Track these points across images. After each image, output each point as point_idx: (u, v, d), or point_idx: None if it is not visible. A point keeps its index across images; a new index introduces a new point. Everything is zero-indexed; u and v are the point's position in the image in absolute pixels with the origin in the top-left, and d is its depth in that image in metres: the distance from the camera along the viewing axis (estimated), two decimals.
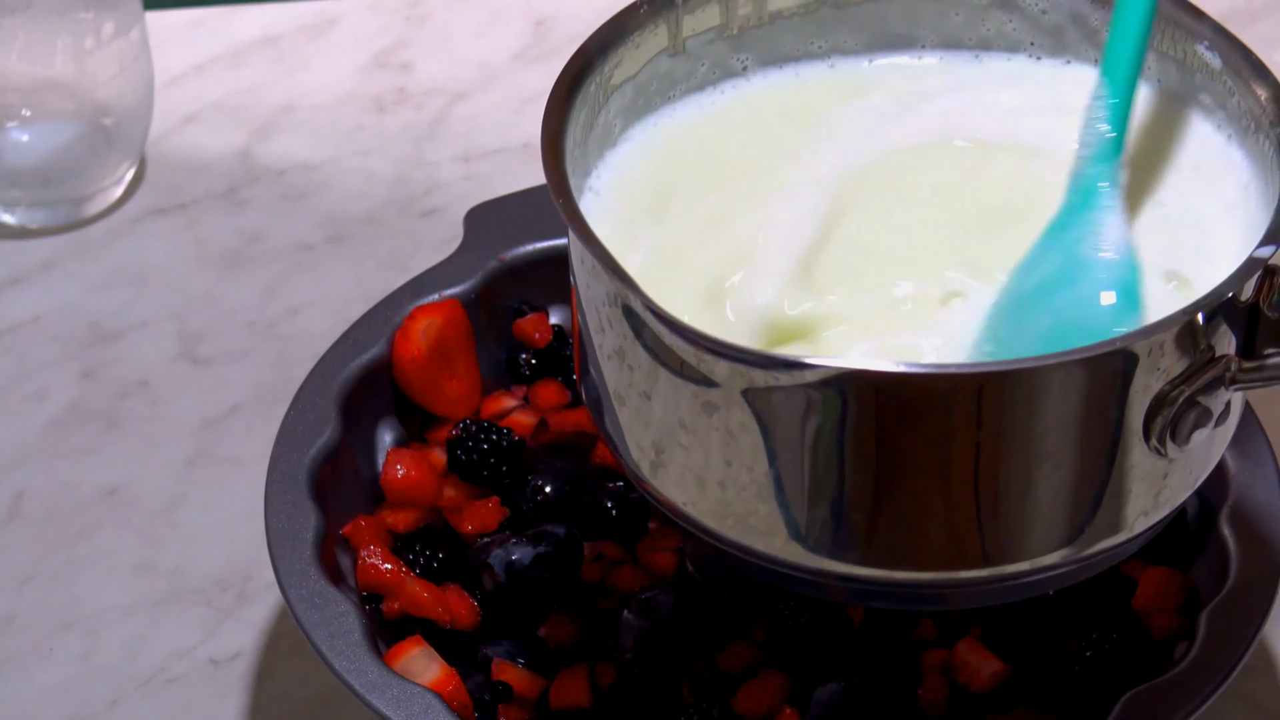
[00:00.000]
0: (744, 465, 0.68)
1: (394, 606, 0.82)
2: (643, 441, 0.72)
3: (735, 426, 0.67)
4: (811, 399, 0.66)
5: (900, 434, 0.67)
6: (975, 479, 0.67)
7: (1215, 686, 0.75)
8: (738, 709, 0.78)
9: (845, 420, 0.66)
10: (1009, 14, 0.79)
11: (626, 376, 0.71)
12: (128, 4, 1.06)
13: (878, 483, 0.68)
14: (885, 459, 0.67)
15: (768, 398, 0.66)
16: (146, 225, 1.10)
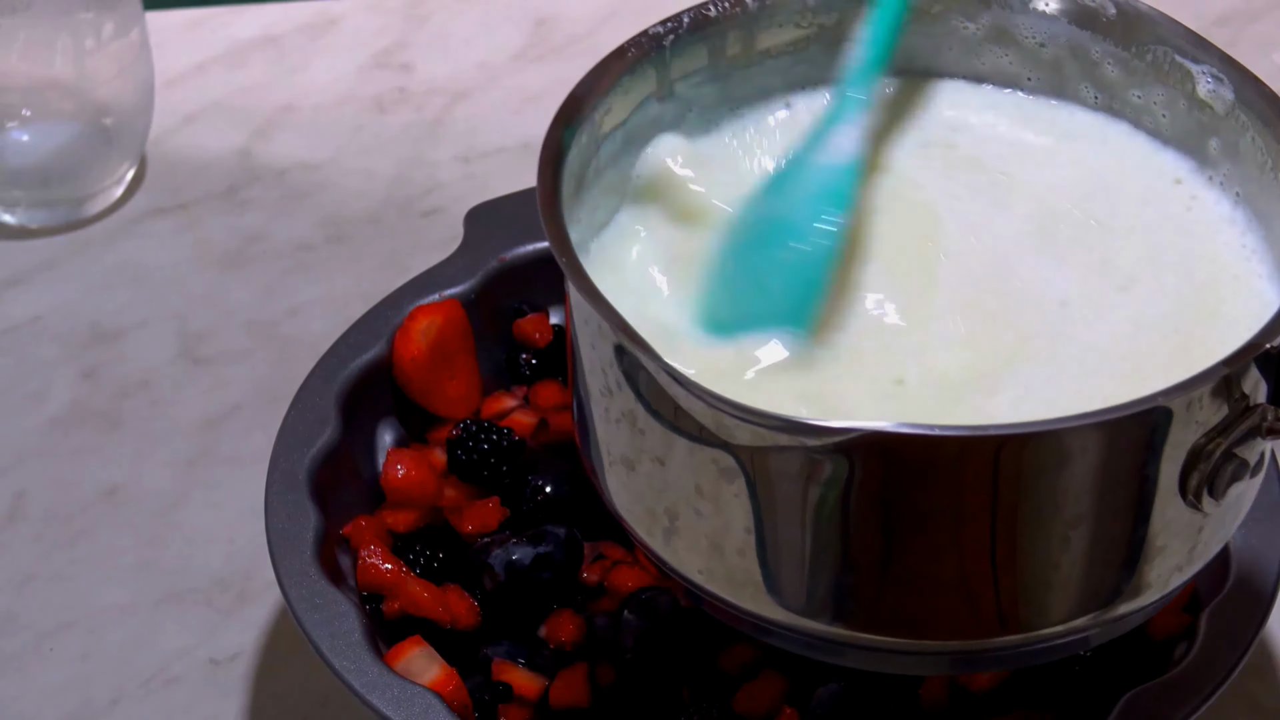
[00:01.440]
0: (767, 532, 0.66)
1: (394, 606, 0.82)
2: (655, 508, 0.69)
3: (760, 493, 0.65)
4: (841, 462, 0.63)
5: (946, 495, 0.64)
6: (1014, 544, 0.65)
7: (1215, 686, 0.75)
8: (738, 709, 0.78)
9: (883, 482, 0.64)
10: (1005, 47, 0.77)
11: (637, 441, 0.68)
12: (128, 4, 1.06)
13: (914, 549, 0.65)
14: (924, 522, 0.65)
15: (795, 462, 0.64)
16: (147, 225, 1.10)
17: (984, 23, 0.77)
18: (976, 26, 0.77)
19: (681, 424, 0.65)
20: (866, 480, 0.64)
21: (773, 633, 0.70)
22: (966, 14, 0.77)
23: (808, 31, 0.76)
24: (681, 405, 0.65)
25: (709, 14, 0.75)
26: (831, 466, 0.63)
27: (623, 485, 0.70)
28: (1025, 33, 0.77)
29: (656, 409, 0.66)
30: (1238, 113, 0.72)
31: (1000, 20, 0.77)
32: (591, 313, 0.66)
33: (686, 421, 0.65)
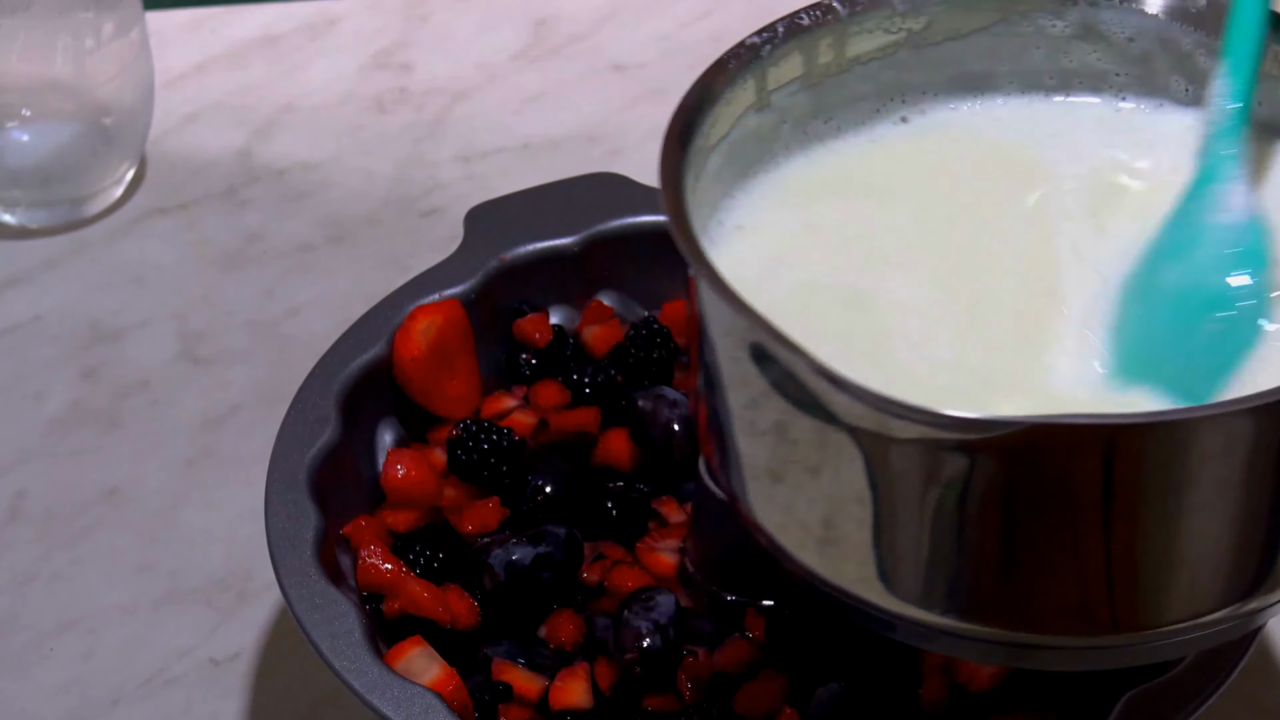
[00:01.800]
0: (935, 534, 0.65)
1: (394, 606, 0.82)
2: (808, 519, 0.67)
3: (927, 494, 0.64)
4: (1021, 457, 0.62)
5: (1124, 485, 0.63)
6: (1173, 532, 0.64)
7: (1215, 686, 0.75)
8: (738, 709, 0.78)
9: (1069, 475, 0.63)
10: (1093, 44, 0.76)
11: (785, 451, 0.66)
12: (128, 4, 1.06)
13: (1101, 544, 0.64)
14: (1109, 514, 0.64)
15: (969, 462, 0.62)
16: (146, 225, 1.10)
17: (1073, 19, 0.76)
18: (1065, 24, 0.77)
19: (840, 428, 0.64)
20: (1044, 474, 0.63)
21: (936, 638, 0.68)
22: (1055, 12, 0.76)
23: (896, 37, 0.76)
24: (841, 410, 0.63)
25: (802, 22, 0.74)
26: (999, 462, 0.62)
27: (768, 499, 0.69)
28: (1113, 29, 0.76)
29: (811, 415, 0.64)
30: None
31: (1088, 16, 0.76)
32: (736, 321, 0.65)
33: (847, 428, 0.63)
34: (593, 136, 1.16)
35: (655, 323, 0.91)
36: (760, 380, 0.66)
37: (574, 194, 0.95)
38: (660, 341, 0.91)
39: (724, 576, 0.83)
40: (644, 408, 0.87)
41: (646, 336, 0.91)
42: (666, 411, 0.87)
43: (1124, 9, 0.76)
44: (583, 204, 0.95)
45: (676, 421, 0.86)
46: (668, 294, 0.94)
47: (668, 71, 1.21)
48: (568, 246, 0.93)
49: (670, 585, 0.83)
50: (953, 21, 0.75)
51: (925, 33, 0.75)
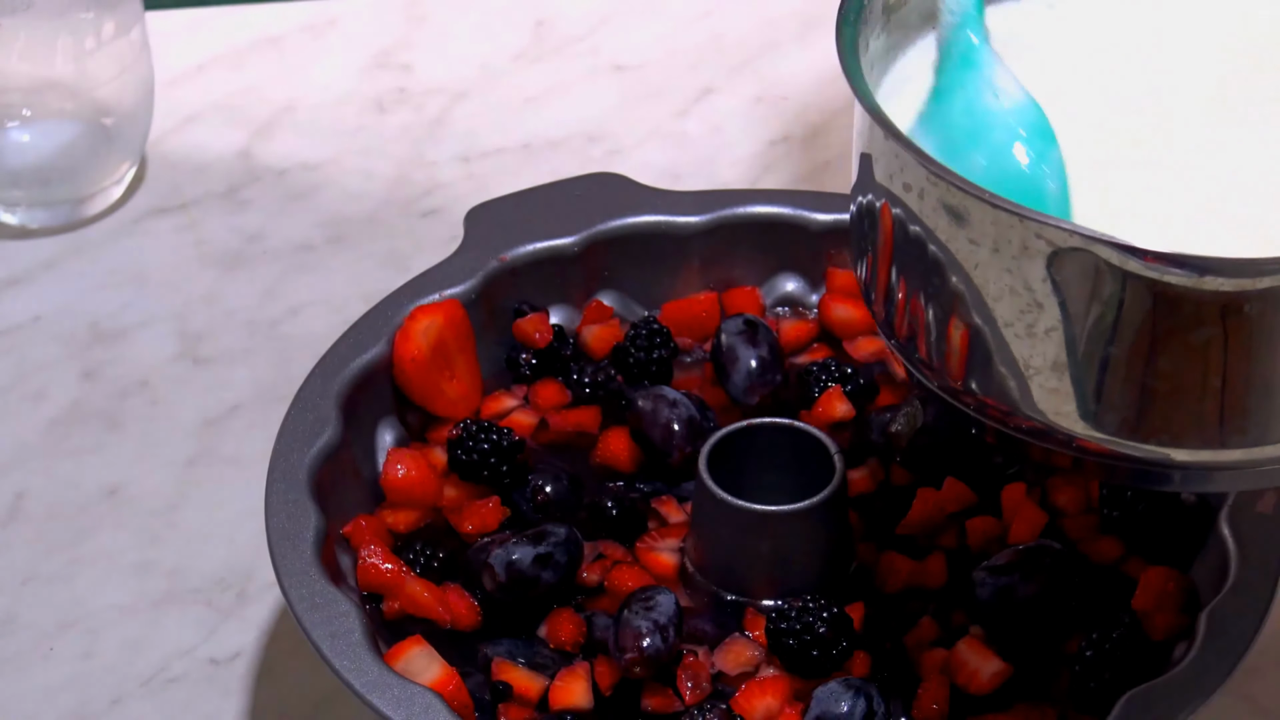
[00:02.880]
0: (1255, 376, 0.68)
1: (394, 606, 0.82)
2: (1120, 396, 0.70)
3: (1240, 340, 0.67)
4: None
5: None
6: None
7: (1215, 686, 0.75)
8: (738, 709, 0.78)
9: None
10: None
11: (1074, 342, 0.69)
12: (128, 4, 1.06)
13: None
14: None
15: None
16: (147, 225, 1.10)
17: None
18: None
19: (1141, 300, 0.67)
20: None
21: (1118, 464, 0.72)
22: None
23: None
24: (1142, 277, 0.66)
25: None
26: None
27: (1051, 392, 0.71)
28: None
29: (1109, 299, 0.67)
30: None
31: None
32: (1016, 226, 0.67)
33: (1146, 295, 0.67)
34: (593, 136, 1.16)
35: (655, 323, 0.91)
36: (1045, 283, 0.68)
37: (574, 194, 0.95)
38: (660, 341, 0.91)
39: (724, 576, 0.83)
40: (644, 408, 0.87)
41: (646, 336, 0.91)
42: (666, 411, 0.87)
43: None
44: (583, 204, 0.95)
45: (676, 421, 0.86)
46: (668, 294, 0.94)
47: (668, 71, 1.21)
48: (568, 246, 0.93)
49: (670, 585, 0.83)
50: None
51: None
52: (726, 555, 0.83)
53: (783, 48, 1.23)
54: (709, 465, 0.83)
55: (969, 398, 0.73)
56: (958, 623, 0.81)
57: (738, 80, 1.21)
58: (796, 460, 0.84)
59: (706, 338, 0.93)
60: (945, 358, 0.72)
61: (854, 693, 0.77)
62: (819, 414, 0.89)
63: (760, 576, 0.82)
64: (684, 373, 0.92)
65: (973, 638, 0.80)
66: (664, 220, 0.94)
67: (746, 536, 0.81)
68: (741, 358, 0.89)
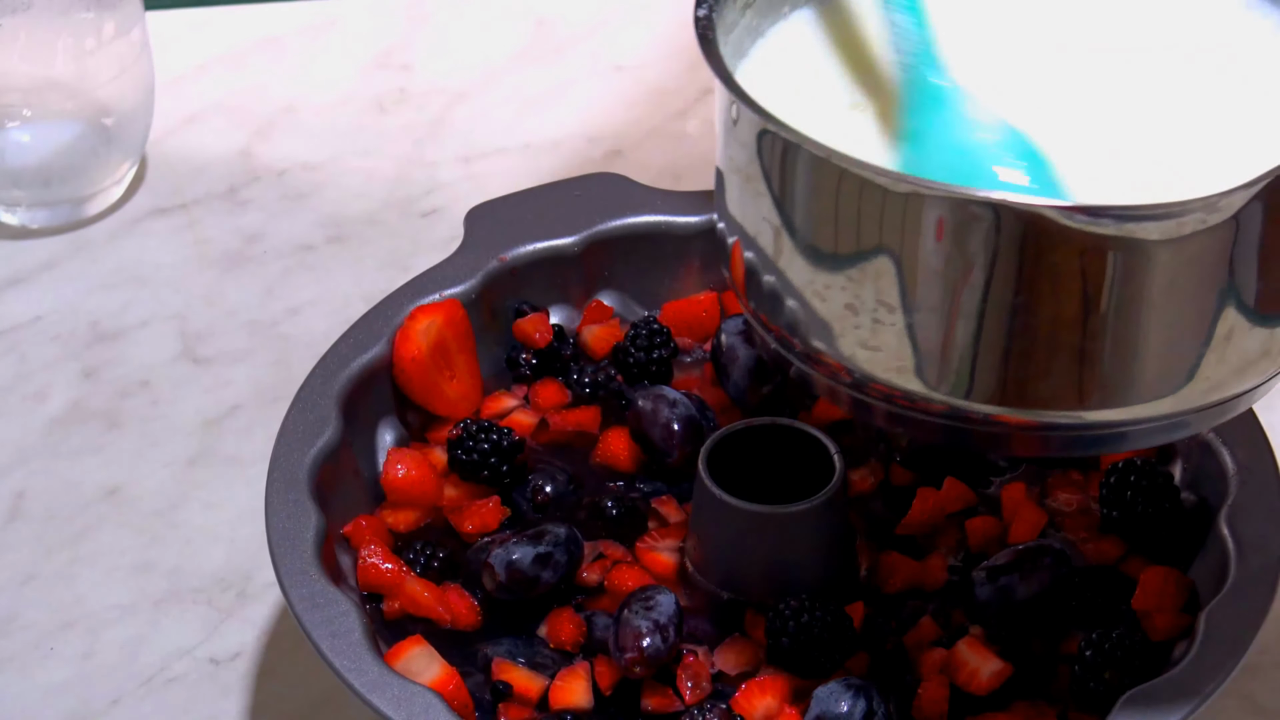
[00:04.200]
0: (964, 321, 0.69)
1: (394, 606, 0.82)
2: (857, 317, 0.71)
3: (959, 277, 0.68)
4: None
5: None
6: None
7: (1215, 686, 0.75)
8: (738, 709, 0.78)
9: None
10: None
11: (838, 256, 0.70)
12: (128, 4, 1.06)
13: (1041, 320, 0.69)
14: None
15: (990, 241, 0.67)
16: (147, 225, 1.10)
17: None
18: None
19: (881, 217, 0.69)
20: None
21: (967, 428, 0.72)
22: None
23: None
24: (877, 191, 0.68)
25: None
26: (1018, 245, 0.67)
27: (819, 301, 0.72)
28: None
29: (854, 204, 0.69)
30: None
31: None
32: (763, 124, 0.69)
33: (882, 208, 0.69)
34: (593, 136, 1.16)
35: (655, 323, 0.92)
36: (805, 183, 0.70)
37: (574, 194, 0.95)
38: (660, 341, 0.91)
39: (724, 576, 0.83)
40: (644, 408, 0.87)
41: (646, 336, 0.91)
42: (666, 411, 0.87)
43: None
44: (583, 204, 0.95)
45: (676, 421, 0.86)
46: (668, 294, 0.94)
47: (668, 71, 1.21)
48: (568, 246, 0.93)
49: (670, 585, 0.83)
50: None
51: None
52: (726, 555, 0.83)
53: None
54: (709, 465, 0.83)
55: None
56: (958, 623, 0.81)
57: None
58: (796, 460, 0.84)
59: (706, 338, 0.93)
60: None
61: (854, 693, 0.77)
62: (819, 414, 0.89)
63: (760, 576, 0.82)
64: (684, 373, 0.92)
65: (973, 638, 0.80)
66: (664, 220, 0.94)
67: (746, 536, 0.81)
68: (741, 358, 0.89)
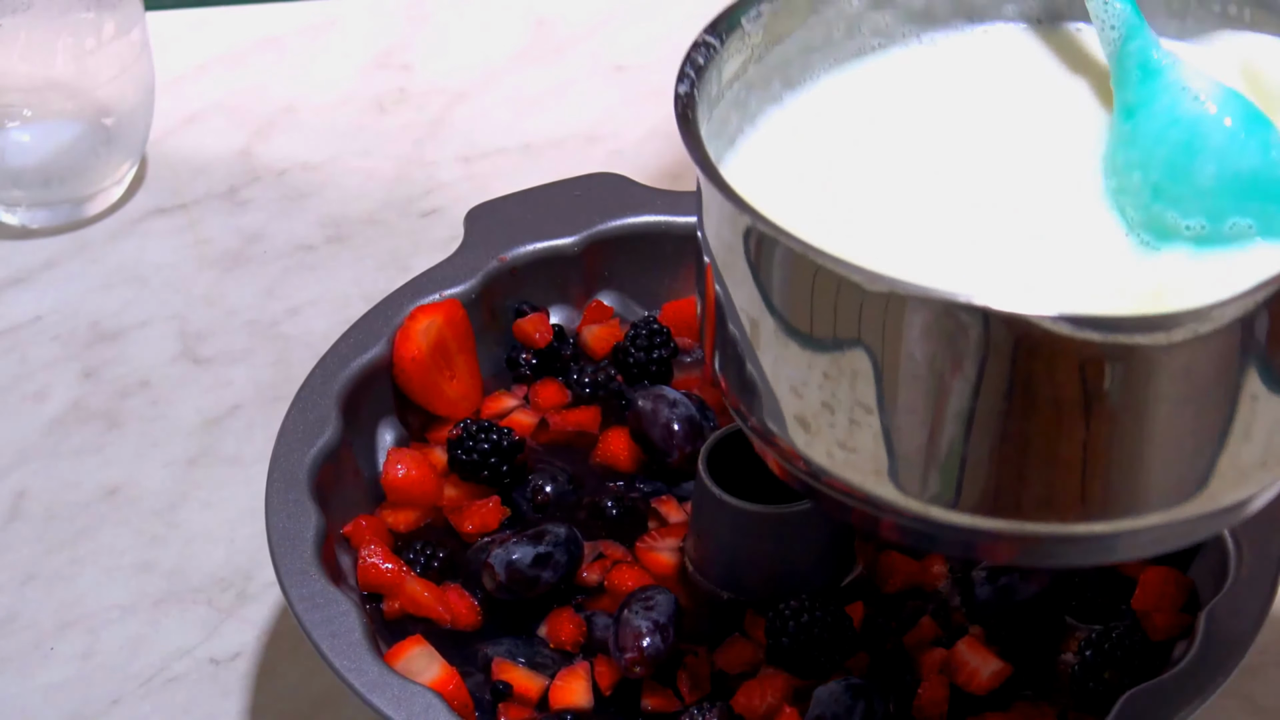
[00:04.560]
0: (946, 428, 0.67)
1: (394, 606, 0.82)
2: (822, 419, 0.69)
3: (937, 384, 0.66)
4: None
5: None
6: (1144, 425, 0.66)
7: (1215, 686, 0.75)
8: (738, 709, 0.78)
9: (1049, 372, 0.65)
10: (882, 10, 0.78)
11: (806, 355, 0.68)
12: (128, 4, 1.06)
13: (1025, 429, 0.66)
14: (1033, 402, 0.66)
15: (978, 351, 0.65)
16: (147, 225, 1.10)
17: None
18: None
19: (853, 318, 0.66)
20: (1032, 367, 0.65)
21: (940, 534, 0.70)
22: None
23: (745, 55, 0.77)
24: (854, 292, 0.66)
25: (698, 61, 0.77)
26: (1004, 353, 0.65)
27: (786, 401, 0.70)
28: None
29: (827, 307, 0.67)
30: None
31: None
32: (740, 218, 0.67)
33: (859, 314, 0.66)
34: (593, 136, 1.16)
35: (655, 323, 0.92)
36: (774, 276, 0.68)
37: (574, 194, 0.95)
38: (660, 341, 0.91)
39: (724, 576, 0.83)
40: (644, 408, 0.87)
41: (646, 336, 0.91)
42: (666, 411, 0.87)
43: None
44: (583, 204, 0.95)
45: (676, 421, 0.86)
46: (668, 294, 0.94)
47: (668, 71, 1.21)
48: (568, 246, 0.93)
49: (670, 585, 0.83)
50: (778, 26, 0.77)
51: (762, 44, 0.77)
52: (726, 555, 0.83)
53: None
54: (709, 465, 0.83)
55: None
56: (958, 623, 0.81)
57: None
58: None
59: None
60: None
61: (854, 693, 0.77)
62: None
63: (760, 576, 0.82)
64: (684, 373, 0.92)
65: (973, 638, 0.80)
66: (664, 220, 0.94)
67: (746, 536, 0.81)
68: None
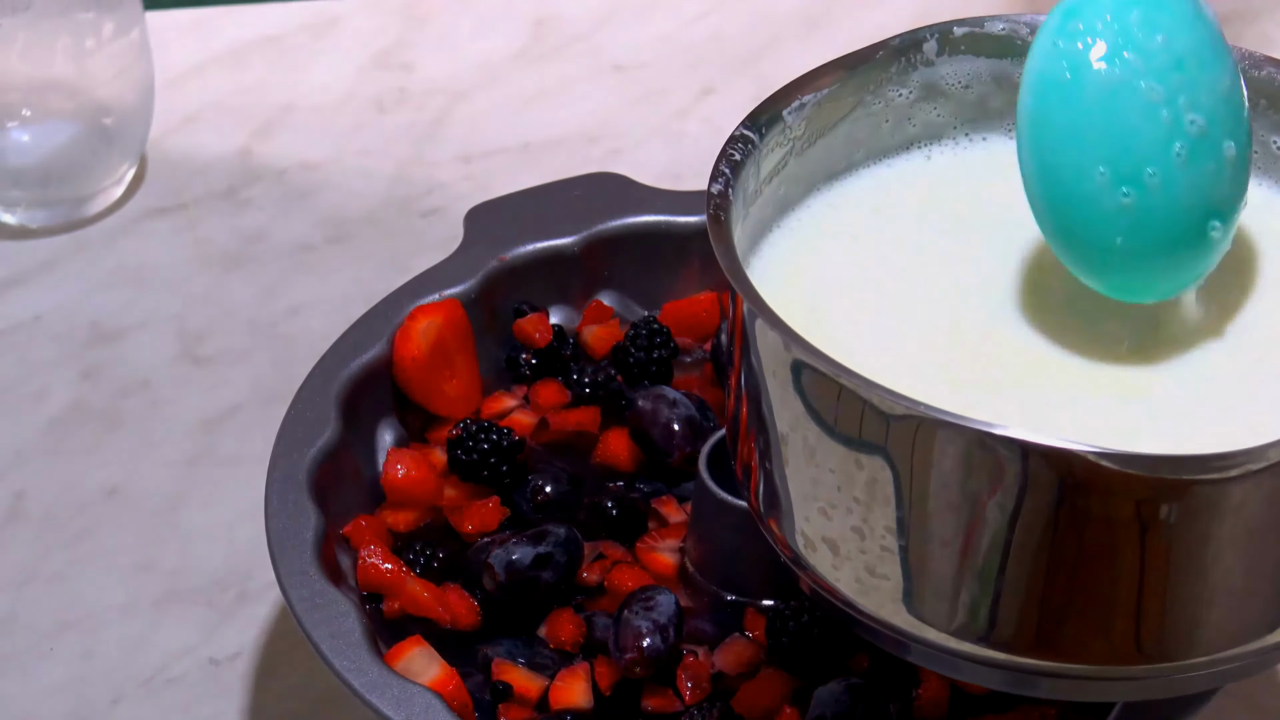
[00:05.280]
0: (975, 560, 0.65)
1: (394, 606, 0.82)
2: (841, 542, 0.67)
3: (969, 516, 0.64)
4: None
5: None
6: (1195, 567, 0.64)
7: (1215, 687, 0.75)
8: (738, 709, 0.78)
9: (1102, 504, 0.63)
10: (934, 102, 0.77)
11: (825, 473, 0.66)
12: (128, 4, 1.06)
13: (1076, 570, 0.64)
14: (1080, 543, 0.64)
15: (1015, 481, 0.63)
16: (147, 225, 1.10)
17: (915, 84, 0.77)
18: (909, 90, 0.77)
19: (879, 441, 0.64)
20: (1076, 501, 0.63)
21: (958, 664, 0.68)
22: (898, 81, 0.77)
23: (786, 149, 0.75)
24: (881, 420, 0.63)
25: (734, 157, 0.73)
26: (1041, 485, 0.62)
27: (803, 519, 0.68)
28: (951, 81, 0.77)
29: (850, 430, 0.64)
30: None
31: (928, 77, 0.77)
32: (779, 342, 0.65)
33: (886, 439, 0.64)
34: (593, 136, 1.16)
35: (655, 323, 0.92)
36: (805, 399, 0.65)
37: (574, 194, 0.95)
38: (660, 341, 0.91)
39: (724, 576, 0.83)
40: (644, 408, 0.87)
41: (646, 336, 0.91)
42: (666, 411, 0.87)
43: (961, 58, 0.76)
44: (583, 204, 0.95)
45: (676, 421, 0.86)
46: (668, 294, 0.94)
47: (668, 71, 1.21)
48: (568, 246, 0.93)
49: (670, 585, 0.83)
50: (822, 118, 0.75)
51: (804, 137, 0.75)
52: (726, 555, 0.83)
53: (783, 48, 1.23)
54: (709, 465, 0.82)
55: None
56: None
57: (738, 80, 1.21)
58: None
59: (706, 338, 0.93)
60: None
61: (854, 693, 0.77)
62: None
63: (760, 576, 0.82)
64: (684, 373, 0.92)
65: None
66: (664, 220, 0.94)
67: (746, 536, 0.81)
68: None
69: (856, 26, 1.25)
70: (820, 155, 0.75)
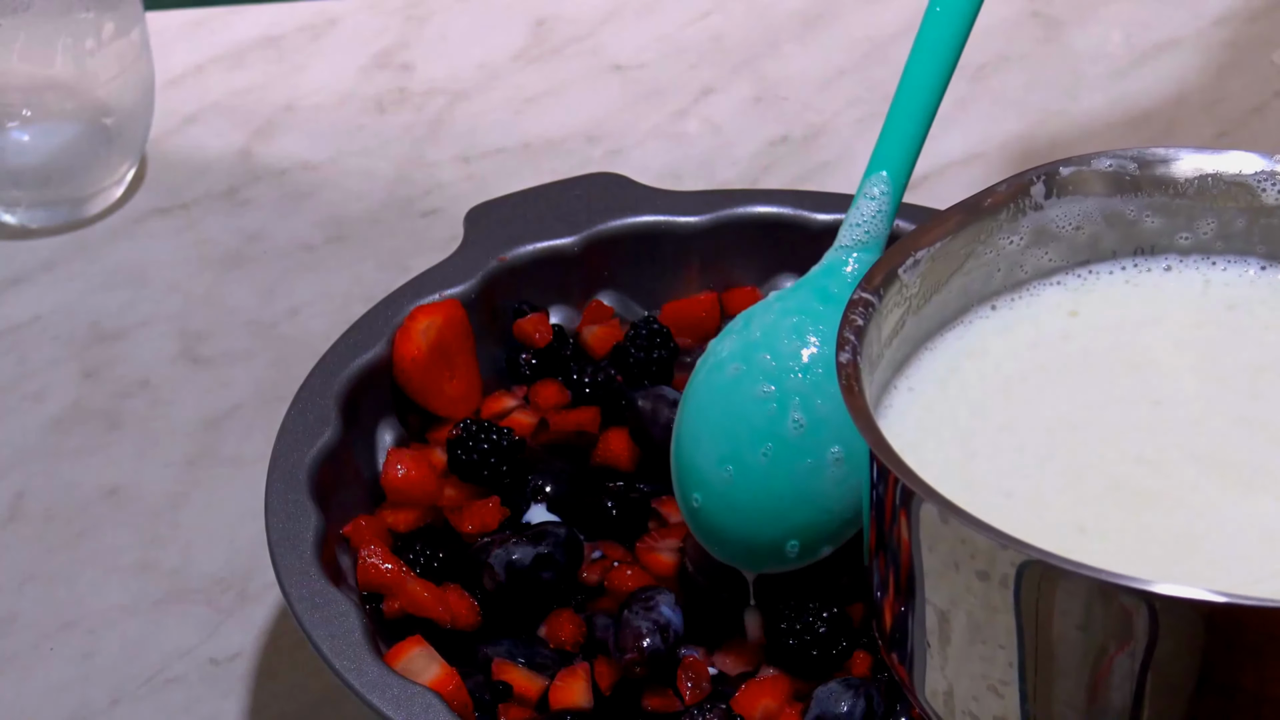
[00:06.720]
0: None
1: (394, 606, 0.82)
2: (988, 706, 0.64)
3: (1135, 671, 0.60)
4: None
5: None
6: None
7: None
8: (738, 709, 0.78)
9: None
10: (1044, 246, 0.75)
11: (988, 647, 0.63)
12: (128, 4, 1.06)
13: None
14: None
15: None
16: (147, 225, 1.10)
17: (1025, 230, 0.75)
18: (1019, 236, 0.75)
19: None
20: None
21: None
22: (1009, 229, 0.75)
23: (903, 309, 0.73)
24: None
25: (857, 322, 0.70)
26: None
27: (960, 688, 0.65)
28: (1061, 223, 0.75)
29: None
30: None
31: (1038, 222, 0.75)
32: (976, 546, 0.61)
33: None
34: (593, 136, 1.16)
35: (655, 323, 0.92)
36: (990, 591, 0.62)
37: (574, 194, 0.95)
38: (660, 341, 0.91)
39: (724, 576, 0.83)
40: (644, 408, 0.87)
41: (646, 336, 0.91)
42: (666, 411, 0.87)
43: (1070, 200, 0.75)
44: (582, 204, 0.95)
45: None
46: (668, 294, 0.94)
47: (668, 71, 1.22)
48: (568, 246, 0.93)
49: (670, 585, 0.83)
50: (936, 274, 0.73)
51: (919, 294, 0.73)
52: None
53: (783, 48, 1.23)
54: None
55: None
56: None
57: (738, 80, 1.21)
58: None
59: (706, 338, 0.93)
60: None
61: (854, 693, 0.77)
62: None
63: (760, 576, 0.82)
64: (684, 373, 0.92)
65: None
66: (664, 220, 0.94)
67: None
68: None
69: (856, 26, 1.25)
70: (935, 311, 0.73)
